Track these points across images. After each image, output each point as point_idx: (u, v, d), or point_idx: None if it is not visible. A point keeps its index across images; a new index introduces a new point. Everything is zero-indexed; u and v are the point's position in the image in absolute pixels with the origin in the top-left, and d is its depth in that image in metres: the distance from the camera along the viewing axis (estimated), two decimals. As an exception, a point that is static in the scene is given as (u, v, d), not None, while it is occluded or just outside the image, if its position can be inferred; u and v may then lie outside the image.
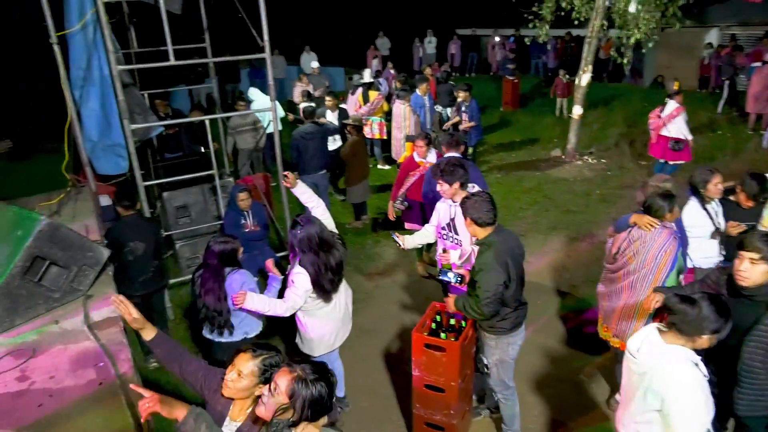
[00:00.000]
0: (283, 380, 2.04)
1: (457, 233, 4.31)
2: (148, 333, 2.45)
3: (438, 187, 4.23)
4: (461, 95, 9.31)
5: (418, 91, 9.32)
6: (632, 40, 9.38)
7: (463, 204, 3.53)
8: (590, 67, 9.78)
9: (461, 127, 9.21)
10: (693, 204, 4.35)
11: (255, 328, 4.08)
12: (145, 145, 6.96)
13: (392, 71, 13.81)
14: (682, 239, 4.10)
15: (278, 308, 3.64)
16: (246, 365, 2.24)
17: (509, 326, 3.56)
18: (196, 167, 6.12)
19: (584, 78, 9.82)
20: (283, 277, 4.03)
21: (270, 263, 4.10)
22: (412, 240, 4.53)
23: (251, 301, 3.54)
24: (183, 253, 6.20)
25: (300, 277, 3.63)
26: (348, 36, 19.17)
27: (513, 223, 7.68)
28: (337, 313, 3.93)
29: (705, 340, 2.44)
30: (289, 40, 15.82)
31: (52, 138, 5.38)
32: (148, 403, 2.05)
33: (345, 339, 4.13)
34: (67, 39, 5.09)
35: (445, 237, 4.43)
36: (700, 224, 4.32)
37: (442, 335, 3.69)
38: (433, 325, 3.82)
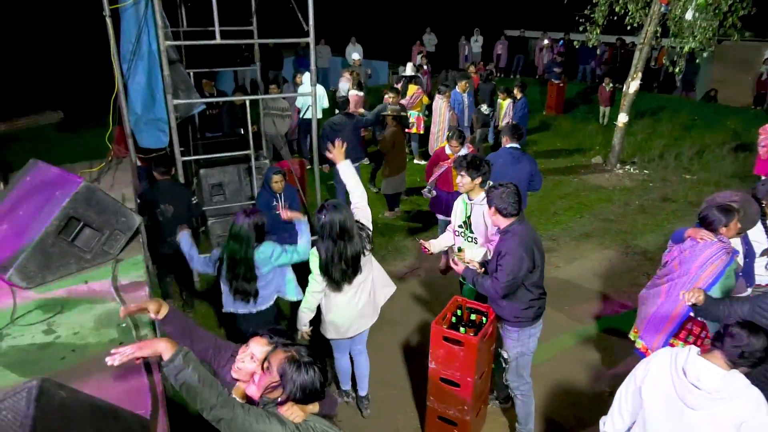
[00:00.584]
0: (276, 359, 2.05)
1: (472, 231, 4.26)
2: (162, 312, 2.39)
3: (459, 180, 4.22)
4: (516, 92, 9.25)
5: (457, 88, 9.23)
6: (686, 49, 9.07)
7: (489, 193, 3.54)
8: (639, 75, 9.50)
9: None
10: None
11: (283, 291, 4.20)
12: (187, 122, 7.10)
13: (425, 67, 13.67)
14: (748, 254, 3.96)
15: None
16: (260, 349, 2.22)
17: (533, 315, 3.58)
18: (233, 147, 6.24)
19: (633, 85, 9.55)
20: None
21: (286, 213, 4.17)
22: (438, 244, 4.48)
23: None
24: (214, 230, 6.31)
25: (311, 259, 3.65)
26: (395, 30, 19.13)
27: (545, 227, 7.56)
28: (354, 305, 3.81)
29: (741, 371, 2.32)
30: (336, 32, 15.90)
31: (101, 111, 5.53)
32: (129, 350, 1.98)
33: (361, 331, 4.01)
34: (120, 13, 5.23)
35: (460, 235, 4.39)
36: (758, 240, 4.09)
37: (462, 329, 3.66)
38: (454, 319, 3.78)
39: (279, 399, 2.04)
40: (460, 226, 4.38)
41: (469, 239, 4.31)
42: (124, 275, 3.36)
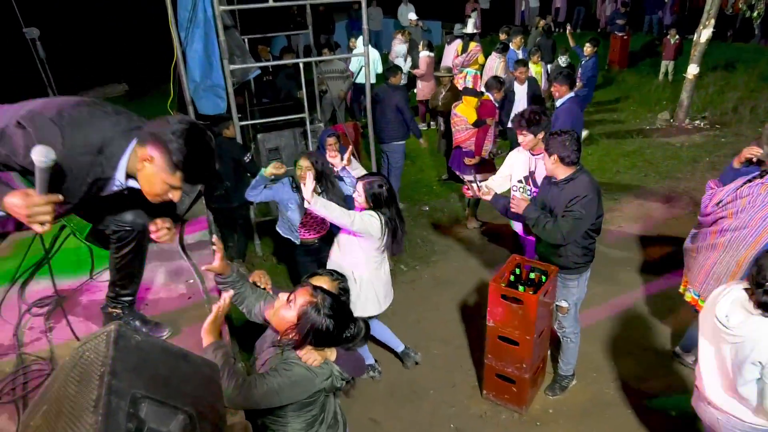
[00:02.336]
0: (301, 298, 2.12)
1: (536, 185, 4.16)
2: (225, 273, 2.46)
3: (521, 139, 4.09)
4: (587, 50, 8.78)
5: (512, 45, 8.92)
6: (766, -9, 8.37)
7: (548, 141, 3.44)
8: (712, 22, 8.82)
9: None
10: None
11: None
12: (243, 88, 7.21)
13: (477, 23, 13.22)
14: None
15: (338, 213, 3.48)
16: (323, 286, 2.33)
17: (590, 259, 3.65)
18: (288, 111, 6.31)
19: (704, 34, 8.89)
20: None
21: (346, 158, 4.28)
22: (492, 184, 4.34)
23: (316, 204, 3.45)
24: (272, 194, 6.45)
25: (371, 222, 3.55)
26: (448, -12, 18.55)
27: (607, 186, 7.28)
28: (385, 273, 3.90)
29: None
30: (388, -8, 15.60)
31: (163, 80, 5.71)
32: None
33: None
34: (176, -20, 5.32)
35: (519, 190, 4.29)
36: None
37: (521, 288, 3.62)
38: (512, 278, 3.74)
39: (294, 340, 2.11)
40: (520, 181, 4.29)
41: (528, 193, 4.23)
42: (189, 235, 3.52)
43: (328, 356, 2.19)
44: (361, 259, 3.72)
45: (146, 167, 1.92)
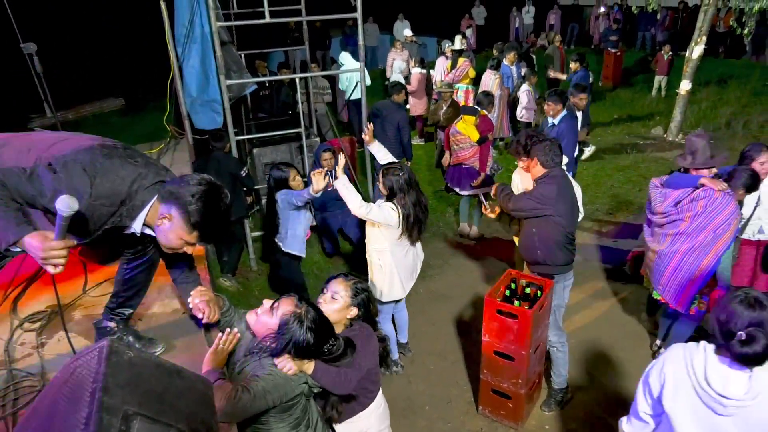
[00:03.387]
0: (284, 307, 2.16)
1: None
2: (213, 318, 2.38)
3: (520, 163, 4.20)
4: (573, 66, 8.96)
5: (505, 61, 9.01)
6: (756, 9, 8.49)
7: (534, 146, 3.69)
8: (704, 39, 8.94)
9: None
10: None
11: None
12: (240, 103, 7.24)
13: (470, 40, 13.37)
14: None
15: (356, 201, 3.69)
16: (339, 287, 2.48)
17: (567, 262, 3.74)
18: (285, 126, 6.33)
19: (696, 50, 9.00)
20: None
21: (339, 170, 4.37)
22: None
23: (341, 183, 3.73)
24: (268, 208, 6.45)
25: (390, 214, 3.74)
26: (443, 4, 18.77)
27: (602, 201, 7.33)
28: (410, 259, 4.07)
29: None
30: (383, 8, 15.73)
31: (159, 95, 5.75)
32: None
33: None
34: (173, -3, 5.37)
35: None
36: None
37: (516, 302, 3.62)
38: (507, 292, 3.75)
39: (270, 347, 2.13)
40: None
41: None
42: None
43: (304, 369, 2.20)
44: (386, 246, 3.89)
45: (165, 224, 1.99)
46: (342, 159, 3.99)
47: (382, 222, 3.76)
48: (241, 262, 5.91)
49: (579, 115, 6.49)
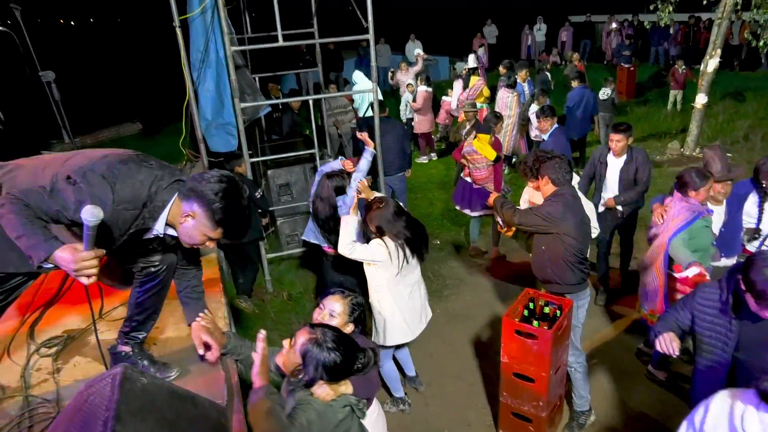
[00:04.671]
0: (301, 338, 2.11)
1: None
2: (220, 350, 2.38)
3: (531, 184, 4.26)
4: (573, 84, 8.97)
5: (518, 78, 9.01)
6: (771, 21, 8.42)
7: (543, 164, 3.65)
8: (719, 52, 8.87)
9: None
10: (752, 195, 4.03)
11: None
12: (254, 125, 7.30)
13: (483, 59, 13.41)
14: (726, 225, 4.06)
15: (344, 240, 3.62)
16: (336, 305, 2.48)
17: (581, 280, 3.69)
18: (298, 147, 6.36)
19: (711, 63, 8.93)
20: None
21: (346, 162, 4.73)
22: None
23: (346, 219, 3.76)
24: (283, 229, 6.45)
25: (379, 250, 3.57)
26: (454, 24, 18.96)
27: (620, 217, 7.21)
28: (414, 300, 3.87)
29: None
30: (395, 29, 15.94)
31: (175, 118, 5.83)
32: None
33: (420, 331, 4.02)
34: (188, 23, 5.46)
35: None
36: (750, 213, 4.04)
37: (535, 323, 3.55)
38: (526, 312, 3.67)
39: (304, 379, 2.09)
40: None
41: None
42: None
43: (342, 391, 2.15)
44: (383, 285, 3.71)
45: (189, 221, 2.03)
46: (364, 184, 4.04)
47: (368, 260, 3.63)
48: (257, 284, 5.90)
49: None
